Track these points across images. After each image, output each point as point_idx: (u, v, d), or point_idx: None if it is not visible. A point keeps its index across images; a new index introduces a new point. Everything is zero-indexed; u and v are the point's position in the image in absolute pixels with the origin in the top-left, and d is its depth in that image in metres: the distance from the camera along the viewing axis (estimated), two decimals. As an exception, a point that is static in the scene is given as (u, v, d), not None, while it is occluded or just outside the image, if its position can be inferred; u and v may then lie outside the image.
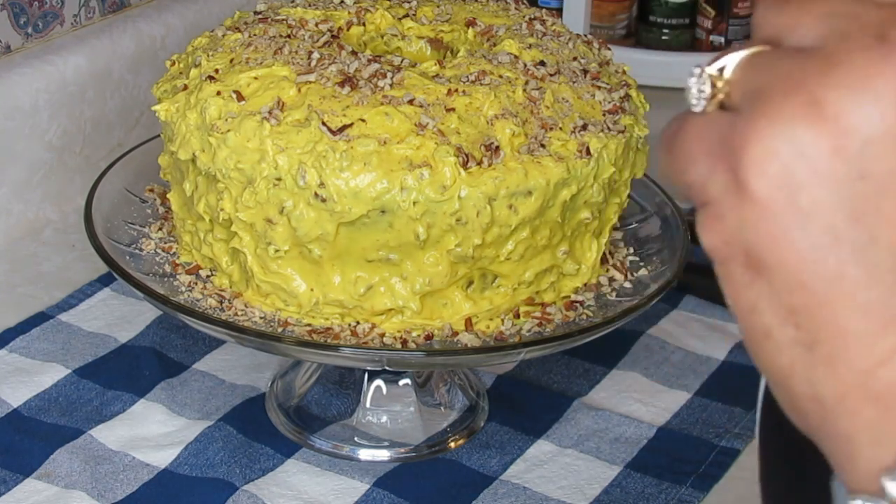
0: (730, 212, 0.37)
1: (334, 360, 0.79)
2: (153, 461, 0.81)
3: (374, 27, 0.87)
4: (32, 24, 1.06)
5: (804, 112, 0.35)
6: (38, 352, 0.90)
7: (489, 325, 0.78)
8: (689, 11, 1.40)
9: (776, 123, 0.35)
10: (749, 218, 0.36)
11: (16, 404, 0.85)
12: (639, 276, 0.84)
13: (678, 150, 0.38)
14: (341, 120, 0.74)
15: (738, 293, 0.38)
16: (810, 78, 0.35)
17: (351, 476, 0.81)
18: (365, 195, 0.73)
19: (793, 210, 0.36)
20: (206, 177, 0.77)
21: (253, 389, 0.88)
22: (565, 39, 0.84)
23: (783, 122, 0.35)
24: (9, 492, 0.78)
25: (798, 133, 0.35)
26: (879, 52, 0.35)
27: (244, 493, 0.79)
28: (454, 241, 0.74)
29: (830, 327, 0.36)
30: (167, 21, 1.15)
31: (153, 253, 0.84)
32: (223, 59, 0.80)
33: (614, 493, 0.81)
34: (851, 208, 0.35)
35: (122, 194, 0.87)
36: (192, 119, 0.77)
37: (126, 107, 1.12)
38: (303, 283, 0.76)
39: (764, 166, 0.36)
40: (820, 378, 0.37)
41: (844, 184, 0.35)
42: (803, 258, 0.36)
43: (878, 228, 0.35)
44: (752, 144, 0.36)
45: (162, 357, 0.90)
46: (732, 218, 0.37)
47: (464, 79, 0.77)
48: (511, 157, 0.74)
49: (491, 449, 0.84)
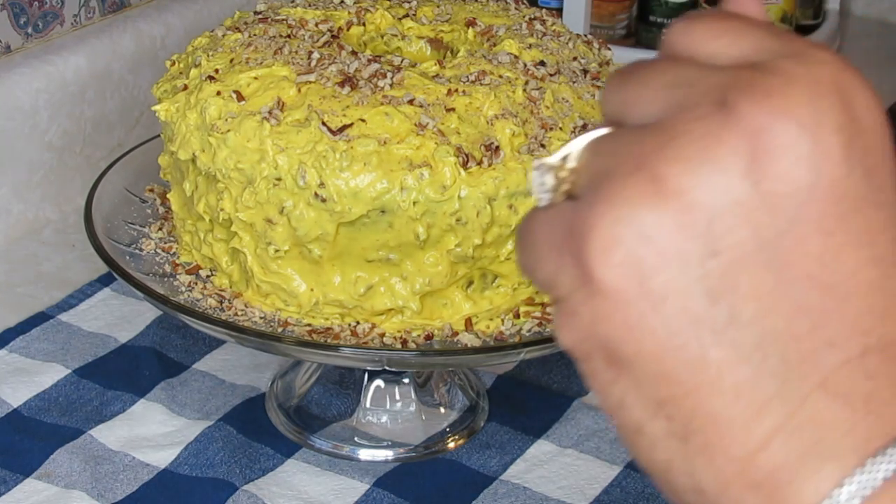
0: (582, 307, 0.35)
1: (334, 360, 0.79)
2: (153, 461, 0.81)
3: (374, 27, 0.87)
4: (32, 24, 1.06)
5: (645, 191, 0.33)
6: (38, 352, 0.90)
7: (489, 325, 0.78)
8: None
9: (617, 206, 0.33)
10: (601, 311, 0.34)
11: (16, 404, 0.85)
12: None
13: (526, 246, 0.37)
14: (341, 120, 0.74)
15: (603, 390, 0.36)
16: (650, 154, 0.33)
17: (351, 476, 0.81)
18: (365, 195, 0.73)
19: (645, 297, 0.34)
20: (206, 177, 0.77)
21: (253, 389, 0.88)
22: (565, 39, 0.84)
23: (624, 204, 0.33)
24: (9, 492, 0.78)
25: (640, 214, 0.33)
26: (718, 118, 0.33)
27: (244, 493, 0.79)
28: (454, 241, 0.74)
29: (702, 416, 0.34)
30: (167, 21, 1.15)
31: (153, 253, 0.84)
32: (223, 59, 0.80)
33: (614, 493, 0.81)
34: (706, 288, 0.33)
35: (122, 194, 0.87)
36: (192, 119, 0.77)
37: (126, 107, 1.12)
38: (303, 283, 0.76)
39: (609, 254, 0.34)
40: (699, 469, 0.35)
41: (695, 263, 0.33)
42: (663, 346, 0.34)
43: (738, 306, 0.34)
44: (595, 232, 0.34)
45: (162, 357, 0.90)
46: (585, 313, 0.35)
47: (464, 79, 0.77)
48: (511, 157, 0.74)
49: (491, 449, 0.84)
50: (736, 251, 0.33)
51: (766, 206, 0.33)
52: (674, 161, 0.33)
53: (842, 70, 0.34)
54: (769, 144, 0.33)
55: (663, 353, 0.34)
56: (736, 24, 0.35)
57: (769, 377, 0.34)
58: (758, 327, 0.34)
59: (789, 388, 0.34)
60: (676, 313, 0.34)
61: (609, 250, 0.34)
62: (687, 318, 0.34)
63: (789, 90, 0.33)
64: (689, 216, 0.33)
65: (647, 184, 0.33)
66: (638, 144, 0.34)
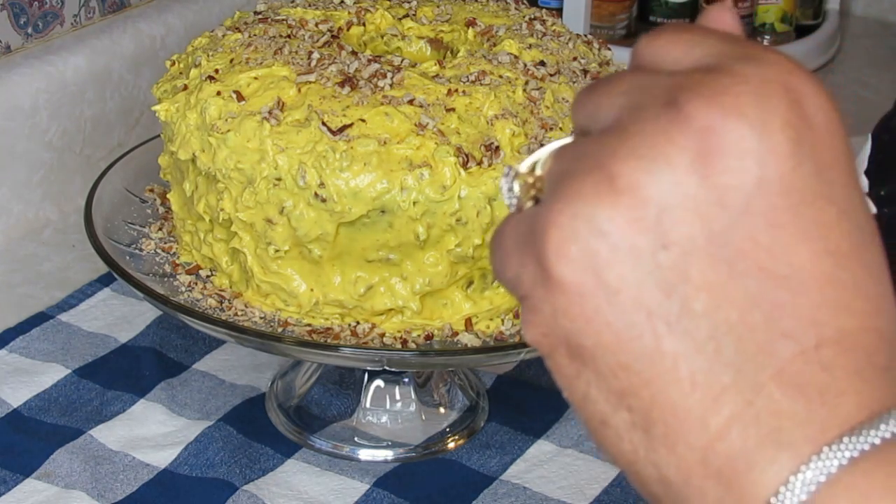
0: (543, 303, 0.36)
1: (334, 360, 0.79)
2: (153, 461, 0.81)
3: (374, 27, 0.87)
4: (32, 24, 1.06)
5: (598, 189, 0.35)
6: (38, 352, 0.90)
7: (489, 325, 0.78)
8: (689, 11, 1.40)
9: (573, 204, 0.35)
10: (561, 306, 0.35)
11: (16, 404, 0.85)
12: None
13: (495, 249, 0.38)
14: (341, 120, 0.74)
15: (568, 384, 0.37)
16: (605, 155, 0.35)
17: (351, 476, 0.81)
18: (365, 195, 0.73)
19: (601, 290, 0.35)
20: (206, 177, 0.77)
21: (253, 389, 0.88)
22: (565, 39, 0.84)
23: (579, 201, 0.35)
24: (9, 492, 0.78)
25: (594, 211, 0.34)
26: (668, 117, 0.34)
27: (244, 493, 0.79)
28: (454, 241, 0.74)
29: (661, 406, 0.35)
30: (167, 21, 1.15)
31: (153, 253, 0.84)
32: (223, 59, 0.80)
33: (614, 493, 0.81)
34: (659, 280, 0.35)
35: (122, 194, 0.87)
36: (192, 119, 0.77)
37: (126, 107, 1.12)
38: (303, 283, 0.76)
39: (565, 250, 0.35)
40: (662, 460, 0.36)
41: (647, 256, 0.35)
42: (620, 338, 0.35)
43: (689, 297, 0.35)
44: (552, 230, 0.35)
45: (162, 357, 0.90)
46: (546, 309, 0.36)
47: (464, 79, 0.77)
48: (511, 157, 0.74)
49: (491, 449, 0.84)
50: (686, 244, 0.35)
51: (714, 200, 0.34)
52: (626, 159, 0.35)
53: (792, 71, 0.35)
54: (717, 141, 0.34)
55: (620, 345, 0.35)
56: (694, 33, 0.37)
57: (724, 367, 0.35)
58: (711, 318, 0.35)
59: (745, 378, 0.35)
60: (631, 305, 0.35)
61: (565, 245, 0.35)
62: (641, 309, 0.35)
63: (738, 89, 0.34)
64: (641, 211, 0.34)
65: (602, 182, 0.35)
66: (595, 147, 0.36)
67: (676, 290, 0.35)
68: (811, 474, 0.34)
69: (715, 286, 0.35)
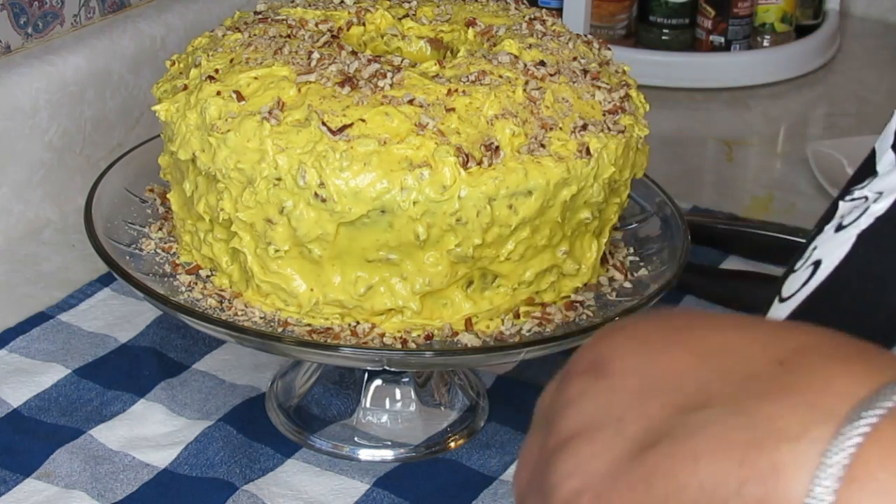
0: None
1: (334, 360, 0.79)
2: (153, 461, 0.81)
3: (374, 27, 0.87)
4: (32, 24, 1.06)
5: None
6: (38, 352, 0.90)
7: (489, 325, 0.78)
8: (689, 11, 1.40)
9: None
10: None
11: (16, 404, 0.85)
12: (639, 276, 0.84)
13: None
14: (341, 120, 0.74)
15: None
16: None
17: (351, 476, 0.81)
18: (365, 195, 0.73)
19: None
20: (206, 177, 0.77)
21: (253, 389, 0.88)
22: (565, 39, 0.84)
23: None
24: (9, 492, 0.78)
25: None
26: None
27: (244, 493, 0.79)
28: (454, 241, 0.74)
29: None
30: (167, 21, 1.15)
31: (153, 253, 0.84)
32: (223, 59, 0.80)
33: (614, 493, 0.80)
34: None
35: (122, 194, 0.87)
36: (192, 119, 0.77)
37: (126, 107, 1.12)
38: (303, 283, 0.76)
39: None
40: None
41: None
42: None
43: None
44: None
45: (162, 357, 0.90)
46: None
47: (464, 79, 0.77)
48: (511, 157, 0.74)
49: (491, 449, 0.84)
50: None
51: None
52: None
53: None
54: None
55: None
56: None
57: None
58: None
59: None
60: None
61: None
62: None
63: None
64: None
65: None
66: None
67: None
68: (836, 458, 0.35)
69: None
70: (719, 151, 1.27)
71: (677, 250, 0.84)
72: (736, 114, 1.35)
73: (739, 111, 1.35)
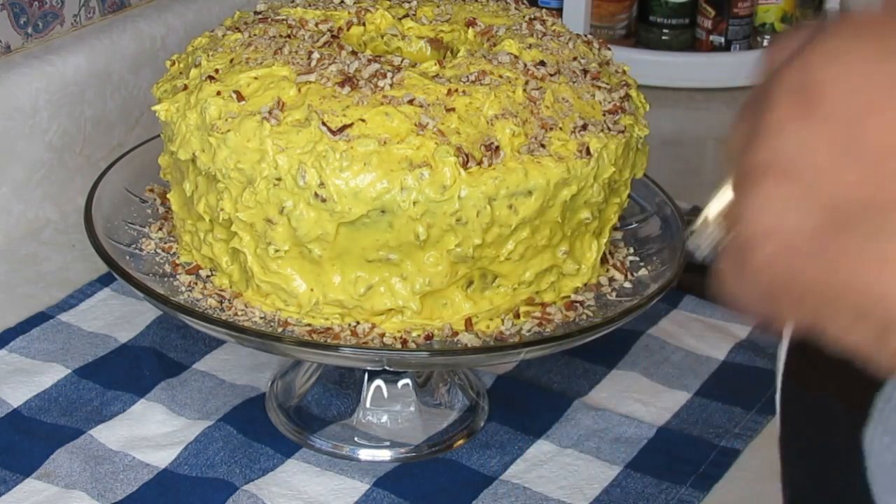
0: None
1: (334, 360, 0.79)
2: (153, 461, 0.81)
3: (374, 27, 0.87)
4: (32, 24, 1.06)
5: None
6: (38, 352, 0.90)
7: (489, 325, 0.78)
8: (689, 11, 1.40)
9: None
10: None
11: (16, 404, 0.85)
12: (639, 276, 0.84)
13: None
14: (341, 120, 0.74)
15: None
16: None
17: (351, 476, 0.81)
18: (365, 195, 0.73)
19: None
20: (206, 177, 0.77)
21: (253, 389, 0.88)
22: (565, 39, 0.84)
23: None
24: (9, 492, 0.78)
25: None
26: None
27: (244, 493, 0.79)
28: (454, 241, 0.74)
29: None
30: (167, 21, 1.15)
31: (153, 253, 0.84)
32: (223, 59, 0.80)
33: (614, 493, 0.81)
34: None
35: (122, 194, 0.87)
36: (192, 119, 0.77)
37: (126, 107, 1.12)
38: (303, 283, 0.76)
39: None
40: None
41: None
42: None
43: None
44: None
45: (162, 357, 0.90)
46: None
47: (464, 79, 0.77)
48: (511, 157, 0.74)
49: (491, 449, 0.84)
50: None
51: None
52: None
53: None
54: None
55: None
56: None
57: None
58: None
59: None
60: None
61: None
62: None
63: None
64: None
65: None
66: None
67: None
68: None
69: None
70: (719, 151, 1.27)
71: (677, 250, 0.84)
72: (736, 114, 1.34)
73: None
